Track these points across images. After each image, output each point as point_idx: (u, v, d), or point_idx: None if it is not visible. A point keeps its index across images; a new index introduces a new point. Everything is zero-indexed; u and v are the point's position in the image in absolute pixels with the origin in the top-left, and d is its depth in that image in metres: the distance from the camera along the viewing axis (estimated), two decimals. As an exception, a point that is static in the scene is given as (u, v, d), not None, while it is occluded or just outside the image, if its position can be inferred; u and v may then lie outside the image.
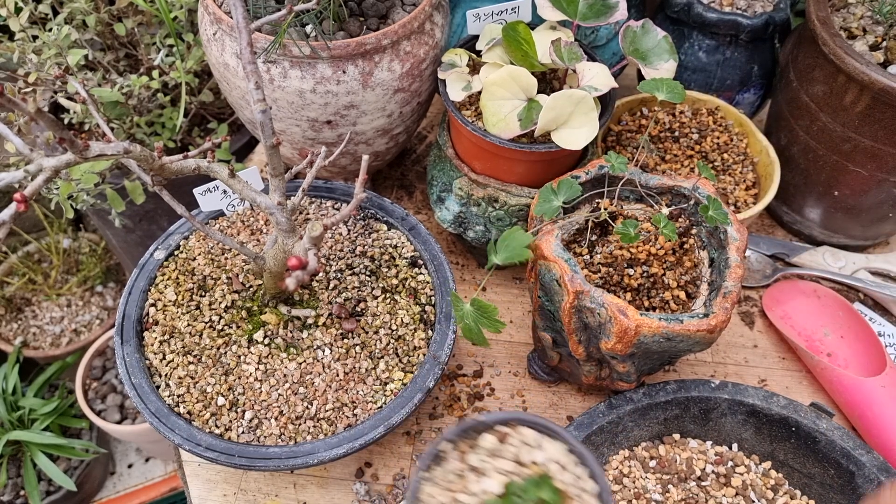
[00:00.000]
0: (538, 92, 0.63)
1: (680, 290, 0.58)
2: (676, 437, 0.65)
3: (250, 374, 0.61)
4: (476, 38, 0.71)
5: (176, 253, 0.69)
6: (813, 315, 0.77)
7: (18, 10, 0.80)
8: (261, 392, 0.60)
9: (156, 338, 0.63)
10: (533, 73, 0.63)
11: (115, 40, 0.92)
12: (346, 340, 0.63)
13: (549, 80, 0.69)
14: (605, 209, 0.59)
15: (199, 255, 0.69)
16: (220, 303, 0.65)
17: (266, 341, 0.63)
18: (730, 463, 0.64)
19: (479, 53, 0.68)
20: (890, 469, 0.58)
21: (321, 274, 0.68)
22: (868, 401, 0.67)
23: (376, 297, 0.66)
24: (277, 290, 0.63)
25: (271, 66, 0.63)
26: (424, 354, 0.63)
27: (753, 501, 0.61)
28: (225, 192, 0.68)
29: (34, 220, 1.33)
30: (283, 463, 0.56)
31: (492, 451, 0.43)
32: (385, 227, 0.72)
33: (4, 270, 1.34)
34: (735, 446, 0.65)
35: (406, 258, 0.69)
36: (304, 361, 0.62)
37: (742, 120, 0.80)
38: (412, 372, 0.62)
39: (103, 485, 1.35)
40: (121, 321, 0.63)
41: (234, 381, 0.61)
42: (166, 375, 0.61)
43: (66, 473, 1.15)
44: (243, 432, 0.58)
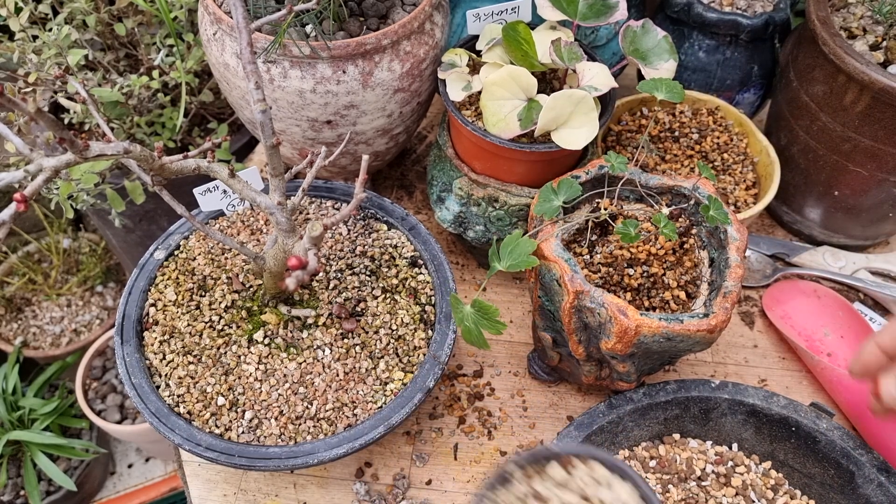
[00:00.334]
0: (538, 92, 0.63)
1: (680, 290, 0.58)
2: (676, 437, 0.65)
3: (250, 374, 0.61)
4: (476, 38, 0.71)
5: (176, 253, 0.69)
6: (813, 315, 0.77)
7: (18, 10, 0.80)
8: (261, 392, 0.60)
9: (156, 338, 0.63)
10: (533, 73, 0.63)
11: (115, 40, 0.92)
12: (346, 340, 0.63)
13: (549, 80, 0.69)
14: (606, 209, 0.59)
15: (199, 255, 0.69)
16: (220, 303, 0.65)
17: (266, 341, 0.63)
18: (730, 463, 0.64)
19: (479, 53, 0.68)
20: (890, 469, 0.58)
21: (321, 274, 0.68)
22: (868, 401, 0.67)
23: (376, 297, 0.66)
24: (277, 290, 0.63)
25: (271, 66, 0.63)
26: (424, 354, 0.63)
27: (753, 501, 0.61)
28: (225, 192, 0.68)
29: (34, 220, 1.34)
30: (283, 463, 0.56)
31: (559, 481, 0.42)
32: (385, 227, 0.72)
33: (4, 270, 1.34)
34: (735, 446, 0.65)
35: (406, 258, 0.69)
36: (304, 361, 0.62)
37: (742, 120, 0.80)
38: (412, 372, 0.62)
39: (103, 485, 1.35)
40: (121, 321, 0.63)
41: (234, 381, 0.61)
42: (166, 375, 0.61)
43: (66, 473, 1.15)
44: (243, 432, 0.58)
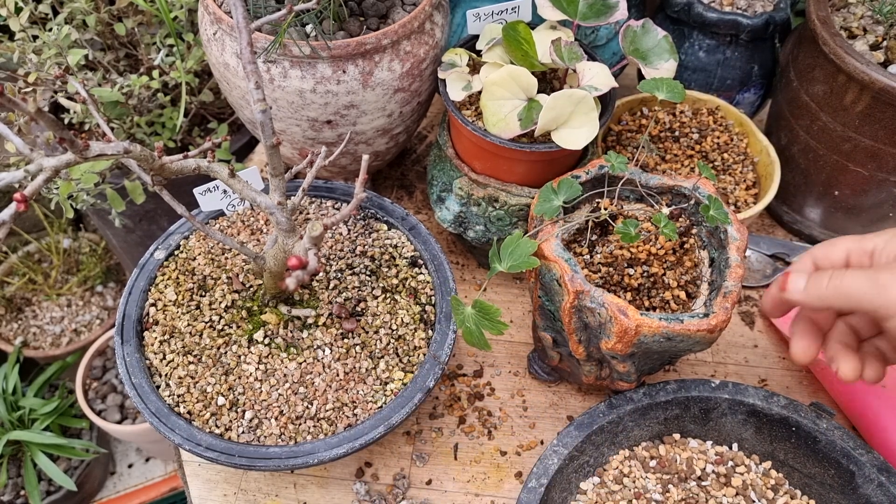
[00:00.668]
0: (538, 92, 0.63)
1: (680, 290, 0.58)
2: (676, 436, 0.65)
3: (250, 374, 0.61)
4: (476, 37, 0.71)
5: (176, 253, 0.69)
6: (813, 315, 0.77)
7: (18, 10, 0.80)
8: (261, 392, 0.60)
9: (156, 338, 0.63)
10: (533, 73, 0.63)
11: (115, 40, 0.92)
12: (346, 340, 0.63)
13: (550, 80, 0.69)
14: (606, 209, 0.59)
15: (199, 254, 0.69)
16: (221, 303, 0.65)
17: (266, 341, 0.63)
18: (730, 463, 0.64)
19: (479, 53, 0.68)
20: (890, 469, 0.58)
21: (321, 274, 0.68)
22: (868, 401, 0.67)
23: (376, 297, 0.66)
24: (277, 289, 0.63)
25: (271, 66, 0.63)
26: (424, 354, 0.63)
27: (754, 501, 0.61)
28: (225, 191, 0.68)
29: (34, 220, 1.34)
30: (283, 463, 0.56)
31: None
32: (385, 227, 0.72)
33: (4, 270, 1.34)
34: (735, 446, 0.65)
35: (406, 258, 0.69)
36: (305, 361, 0.62)
37: (742, 120, 0.80)
38: (412, 372, 0.62)
39: (103, 485, 1.35)
40: (121, 321, 0.63)
41: (235, 380, 0.61)
42: (166, 375, 0.61)
43: (66, 473, 1.15)
44: (243, 432, 0.58)
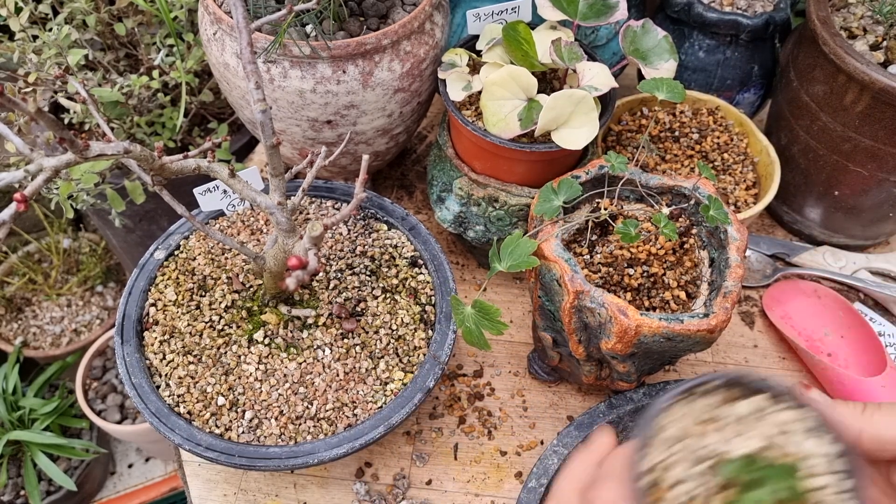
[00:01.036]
0: (538, 92, 0.63)
1: (680, 290, 0.58)
2: (677, 437, 0.65)
3: (250, 374, 0.61)
4: (476, 37, 0.71)
5: (176, 253, 0.69)
6: (813, 315, 0.77)
7: (18, 10, 0.80)
8: (261, 392, 0.60)
9: (156, 338, 0.63)
10: (533, 73, 0.63)
11: (115, 40, 0.92)
12: (346, 340, 0.63)
13: (550, 80, 0.69)
14: (606, 209, 0.59)
15: (199, 255, 0.69)
16: (221, 303, 0.65)
17: (266, 341, 0.63)
18: (730, 463, 0.64)
19: (479, 53, 0.68)
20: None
21: (321, 274, 0.68)
22: (868, 401, 0.67)
23: (376, 297, 0.66)
24: (277, 290, 0.63)
25: (271, 66, 0.63)
26: (424, 354, 0.63)
27: (754, 501, 0.61)
28: (225, 191, 0.68)
29: (34, 220, 1.34)
30: (283, 463, 0.56)
31: (749, 415, 0.36)
32: (385, 227, 0.72)
33: (4, 270, 1.34)
34: (735, 446, 0.65)
35: (406, 258, 0.69)
36: (305, 361, 0.62)
37: (742, 120, 0.80)
38: (412, 372, 0.62)
39: (103, 485, 1.35)
40: (121, 321, 0.63)
41: (235, 380, 0.61)
42: (166, 375, 0.61)
43: (66, 473, 1.15)
44: (243, 432, 0.58)
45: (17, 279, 1.32)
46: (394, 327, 0.65)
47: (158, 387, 0.61)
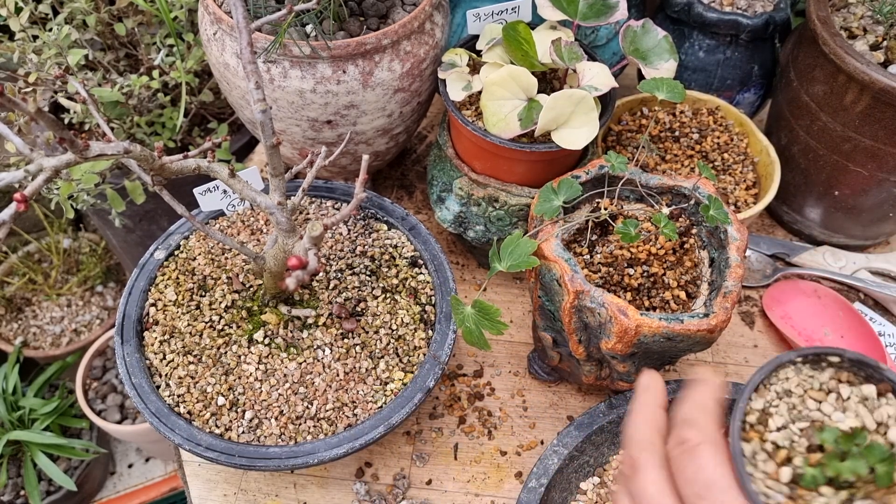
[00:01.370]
0: (538, 92, 0.63)
1: (680, 290, 0.58)
2: (677, 436, 0.65)
3: (250, 374, 0.61)
4: (476, 37, 0.71)
5: (176, 253, 0.69)
6: (813, 315, 0.77)
7: (18, 10, 0.80)
8: (261, 392, 0.60)
9: (156, 338, 0.63)
10: (533, 73, 0.63)
11: (116, 40, 0.92)
12: (346, 340, 0.63)
13: (550, 80, 0.69)
14: (606, 209, 0.59)
15: (200, 254, 0.69)
16: (221, 303, 0.65)
17: (266, 341, 0.63)
18: (730, 463, 0.64)
19: (479, 53, 0.68)
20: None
21: (321, 274, 0.68)
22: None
23: (376, 297, 0.66)
24: (277, 289, 0.63)
25: (271, 66, 0.63)
26: (424, 354, 0.63)
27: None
28: (225, 191, 0.68)
29: (34, 220, 1.34)
30: (283, 463, 0.56)
31: (863, 398, 0.39)
32: (385, 227, 0.72)
33: (4, 270, 1.34)
34: (735, 446, 0.65)
35: (406, 258, 0.69)
36: (305, 361, 0.62)
37: (742, 120, 0.80)
38: (412, 372, 0.62)
39: (103, 485, 1.35)
40: (121, 321, 0.63)
41: (235, 380, 0.61)
42: (166, 375, 0.61)
43: (66, 473, 1.15)
44: (243, 432, 0.58)
45: (17, 279, 1.32)
46: (394, 327, 0.65)
47: (158, 387, 0.61)
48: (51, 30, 0.82)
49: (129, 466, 1.38)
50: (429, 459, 0.68)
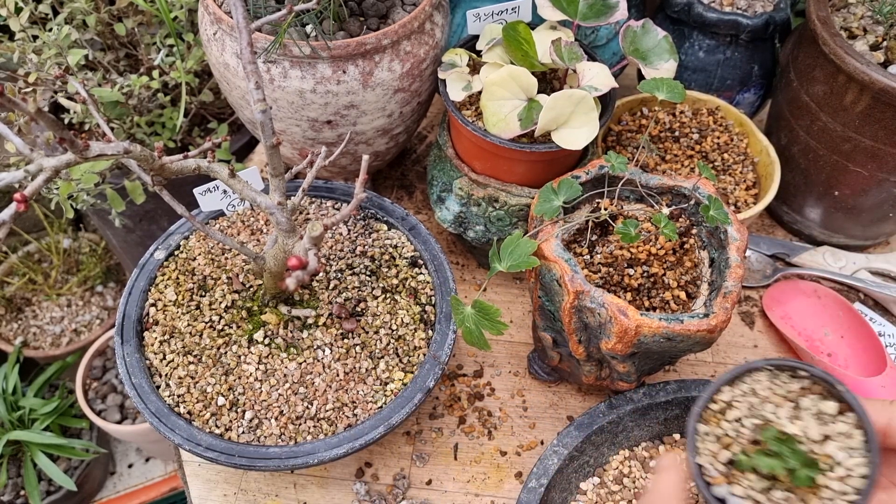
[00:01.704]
0: (538, 92, 0.63)
1: (680, 290, 0.58)
2: (677, 437, 0.65)
3: (250, 374, 0.61)
4: (476, 38, 0.71)
5: (176, 253, 0.69)
6: (813, 315, 0.77)
7: (18, 10, 0.80)
8: (261, 392, 0.60)
9: (156, 338, 0.63)
10: (533, 73, 0.63)
11: (115, 40, 0.92)
12: (346, 340, 0.63)
13: (550, 80, 0.69)
14: (606, 209, 0.59)
15: (200, 255, 0.69)
16: (221, 303, 0.65)
17: (266, 341, 0.63)
18: (730, 463, 0.64)
19: (479, 53, 0.68)
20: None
21: (321, 274, 0.68)
22: (868, 401, 0.67)
23: (376, 297, 0.66)
24: (277, 290, 0.63)
25: (271, 66, 0.63)
26: (424, 354, 0.63)
27: (754, 501, 0.61)
28: (225, 192, 0.68)
29: (34, 220, 1.33)
30: (283, 463, 0.56)
31: (822, 412, 0.42)
32: (385, 227, 0.72)
33: (4, 270, 1.34)
34: (735, 446, 0.65)
35: (406, 258, 0.69)
36: (305, 361, 0.62)
37: (742, 120, 0.80)
38: (412, 372, 0.62)
39: (103, 485, 1.35)
40: (121, 321, 0.63)
41: (235, 381, 0.61)
42: (166, 375, 0.61)
43: (66, 473, 1.15)
44: (243, 432, 0.58)
45: (17, 279, 1.32)
46: (394, 327, 0.65)
47: (158, 387, 0.61)
48: (51, 30, 0.82)
49: (129, 466, 1.38)
50: (429, 459, 0.68)
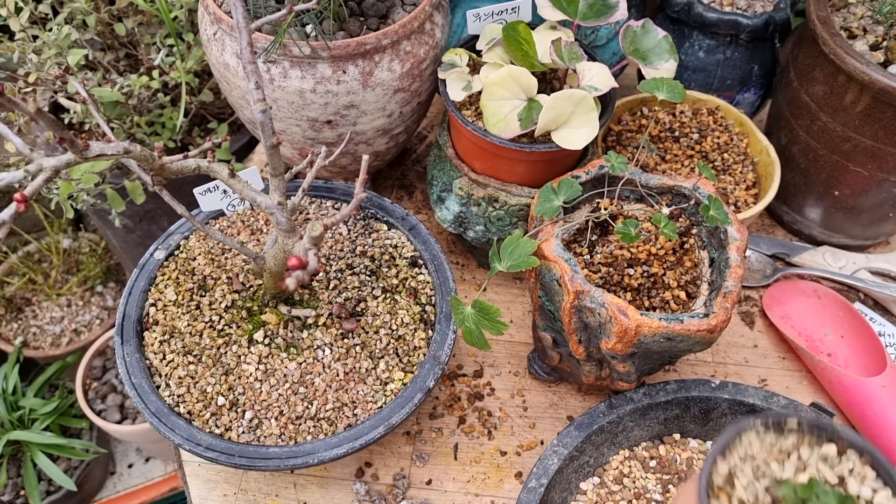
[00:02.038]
0: (538, 92, 0.63)
1: (680, 290, 0.58)
2: (677, 436, 0.65)
3: (250, 374, 0.61)
4: (476, 38, 0.71)
5: (176, 253, 0.69)
6: (813, 315, 0.77)
7: (18, 10, 0.80)
8: (261, 392, 0.60)
9: (156, 338, 0.63)
10: (533, 73, 0.63)
11: (115, 40, 0.92)
12: (346, 340, 0.63)
13: (550, 80, 0.69)
14: (606, 209, 0.59)
15: (200, 255, 0.69)
16: (221, 303, 0.65)
17: (266, 341, 0.63)
18: (730, 463, 0.64)
19: (479, 53, 0.68)
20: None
21: (321, 274, 0.68)
22: (868, 401, 0.67)
23: (376, 297, 0.66)
24: (277, 290, 0.63)
25: (271, 66, 0.63)
26: (424, 354, 0.63)
27: (754, 501, 0.61)
28: (225, 191, 0.68)
29: (34, 220, 1.33)
30: (283, 463, 0.56)
31: (825, 459, 0.42)
32: (385, 227, 0.72)
33: (4, 270, 1.34)
34: (735, 446, 0.65)
35: (406, 258, 0.69)
36: (305, 361, 0.62)
37: (742, 120, 0.80)
38: (412, 372, 0.62)
39: (103, 485, 1.35)
40: (121, 321, 0.63)
41: (235, 380, 0.61)
42: (166, 375, 0.61)
43: (66, 473, 1.15)
44: (243, 432, 0.58)
45: (17, 279, 1.32)
46: (394, 327, 0.65)
47: (158, 387, 0.61)
48: (51, 30, 0.82)
49: (129, 466, 1.38)
50: (429, 459, 0.68)
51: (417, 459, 0.68)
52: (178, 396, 0.60)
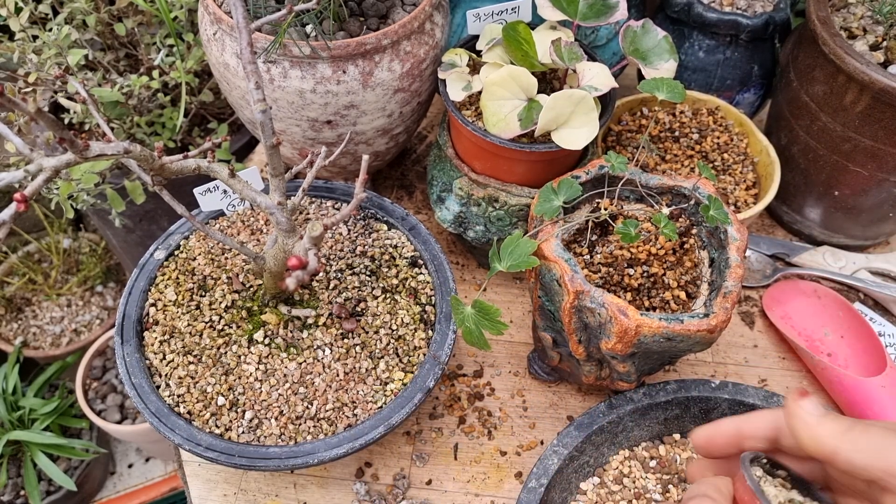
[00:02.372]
0: (538, 92, 0.63)
1: (680, 290, 0.58)
2: (677, 437, 0.65)
3: (250, 374, 0.61)
4: (476, 38, 0.71)
5: (176, 253, 0.69)
6: (813, 315, 0.77)
7: (18, 10, 0.80)
8: (261, 392, 0.60)
9: (156, 338, 0.63)
10: (533, 73, 0.63)
11: (115, 40, 0.92)
12: (346, 340, 0.63)
13: (550, 80, 0.69)
14: (606, 209, 0.59)
15: (200, 255, 0.69)
16: (221, 303, 0.65)
17: (266, 341, 0.63)
18: (730, 463, 0.64)
19: (479, 53, 0.68)
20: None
21: (321, 274, 0.68)
22: (868, 401, 0.67)
23: (376, 297, 0.66)
24: (277, 290, 0.63)
25: (271, 66, 0.63)
26: (424, 354, 0.63)
27: (754, 501, 0.61)
28: (225, 192, 0.68)
29: (34, 220, 1.34)
30: (283, 463, 0.56)
31: None
32: (385, 227, 0.72)
33: (4, 270, 1.34)
34: (735, 446, 0.65)
35: (406, 258, 0.69)
36: (305, 361, 0.62)
37: (742, 120, 0.80)
38: (412, 372, 0.62)
39: (103, 485, 1.35)
40: (121, 321, 0.63)
41: (235, 381, 0.61)
42: (166, 375, 0.61)
43: (66, 473, 1.15)
44: (243, 432, 0.58)
45: (17, 279, 1.32)
46: (394, 327, 0.65)
47: (158, 387, 0.61)
48: (51, 30, 0.82)
49: (129, 466, 1.38)
50: (429, 459, 0.68)
51: (417, 459, 0.68)
52: (178, 396, 0.60)
